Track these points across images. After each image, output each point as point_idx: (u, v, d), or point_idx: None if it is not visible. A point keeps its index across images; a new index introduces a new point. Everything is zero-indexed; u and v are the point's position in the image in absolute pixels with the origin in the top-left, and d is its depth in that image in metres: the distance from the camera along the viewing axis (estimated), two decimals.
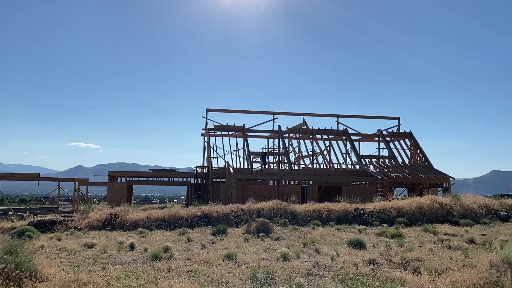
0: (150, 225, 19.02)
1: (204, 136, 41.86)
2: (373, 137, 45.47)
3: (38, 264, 9.05)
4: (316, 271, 10.47)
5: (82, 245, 14.16)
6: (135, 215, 20.39)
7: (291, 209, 21.53)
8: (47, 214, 23.55)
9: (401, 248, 13.83)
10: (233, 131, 41.38)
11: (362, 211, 21.82)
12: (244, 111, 44.74)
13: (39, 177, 42.68)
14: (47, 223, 18.93)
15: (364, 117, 49.02)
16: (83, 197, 47.41)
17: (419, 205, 22.33)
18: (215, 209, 20.98)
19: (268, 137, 46.11)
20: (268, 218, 19.33)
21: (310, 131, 42.06)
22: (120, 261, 11.82)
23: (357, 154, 41.49)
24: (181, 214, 20.25)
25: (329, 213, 21.45)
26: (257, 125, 41.97)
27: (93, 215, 20.61)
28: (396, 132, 44.97)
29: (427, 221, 20.73)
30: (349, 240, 14.74)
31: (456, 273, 9.31)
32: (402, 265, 10.93)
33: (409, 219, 20.90)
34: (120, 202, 29.29)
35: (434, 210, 22.04)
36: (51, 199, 63.58)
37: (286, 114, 45.42)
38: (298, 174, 37.42)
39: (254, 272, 10.02)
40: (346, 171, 40.46)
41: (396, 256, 12.08)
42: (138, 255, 12.68)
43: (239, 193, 34.53)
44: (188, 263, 11.43)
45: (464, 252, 12.63)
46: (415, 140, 43.90)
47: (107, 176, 39.45)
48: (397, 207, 22.15)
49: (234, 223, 19.59)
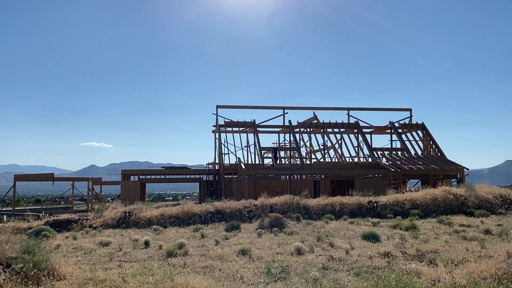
0: (164, 222, 19.13)
1: (215, 132, 41.95)
2: (385, 130, 45.10)
3: (55, 262, 9.16)
4: (331, 264, 10.46)
5: (98, 243, 14.30)
6: (149, 212, 20.53)
7: (303, 204, 21.48)
8: (63, 214, 23.83)
9: (416, 240, 13.74)
10: (243, 127, 41.37)
11: (375, 204, 21.70)
12: (254, 106, 44.68)
13: (53, 177, 43.30)
14: (62, 223, 19.15)
15: (376, 110, 48.59)
16: (97, 196, 47.95)
17: (433, 196, 22.14)
18: (228, 205, 21.02)
19: (278, 132, 46.05)
20: (281, 213, 19.32)
21: (321, 125, 41.88)
22: (136, 258, 11.92)
23: (369, 147, 41.21)
24: (195, 211, 20.32)
25: (342, 206, 21.36)
26: (267, 121, 41.88)
27: (108, 213, 20.78)
28: (408, 124, 44.53)
29: (441, 213, 20.54)
30: (363, 233, 14.68)
31: (473, 264, 9.23)
32: (418, 257, 10.86)
33: (424, 211, 20.74)
34: (134, 200, 29.47)
35: (449, 201, 21.83)
36: (66, 199, 64.42)
37: (296, 108, 45.22)
38: (309, 169, 37.32)
39: (269, 267, 10.04)
40: (358, 164, 40.24)
41: (411, 248, 12.01)
42: (153, 252, 12.78)
43: (251, 188, 34.55)
44: (203, 259, 11.50)
45: (481, 243, 12.49)
46: (428, 131, 43.45)
47: (120, 175, 39.74)
48: (411, 199, 22.00)
49: (247, 219, 19.63)
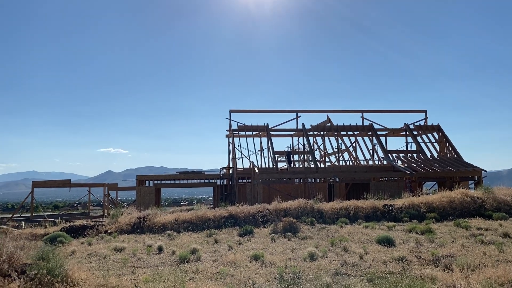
0: (178, 228, 19.19)
1: (228, 137, 42.08)
2: (400, 132, 44.65)
3: (69, 269, 9.24)
4: (344, 270, 10.33)
5: (112, 249, 14.39)
6: (163, 218, 20.63)
7: (318, 208, 21.34)
8: (78, 220, 24.10)
9: (432, 244, 13.50)
10: (256, 131, 41.41)
11: (390, 208, 21.43)
12: (267, 110, 44.74)
13: (70, 183, 43.93)
14: (78, 229, 19.37)
15: (390, 112, 48.17)
16: (113, 201, 48.45)
17: (449, 199, 21.77)
18: (242, 210, 21.00)
19: (292, 136, 45.95)
20: (295, 217, 19.21)
21: (334, 128, 41.67)
22: (149, 264, 11.96)
23: (384, 150, 40.82)
24: (208, 216, 20.35)
25: (357, 210, 21.15)
26: (280, 124, 41.87)
27: (123, 219, 20.94)
28: (424, 126, 44.02)
29: (458, 216, 20.16)
30: (377, 237, 14.48)
31: (490, 269, 9.02)
32: (433, 261, 10.66)
33: (440, 214, 20.39)
34: (149, 206, 29.67)
35: (466, 204, 21.43)
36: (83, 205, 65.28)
37: (309, 112, 45.11)
38: (324, 172, 37.10)
39: (281, 273, 9.96)
40: (373, 167, 39.87)
41: (426, 253, 11.80)
42: (166, 258, 12.81)
43: (265, 193, 34.49)
44: (215, 264, 11.47)
45: (499, 247, 12.21)
46: (444, 133, 42.86)
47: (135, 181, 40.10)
48: (427, 202, 21.69)
49: (260, 223, 19.56)
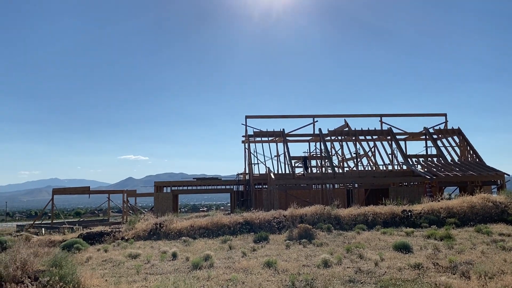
0: (193, 234, 19.21)
1: (244, 143, 42.08)
2: (420, 136, 43.93)
3: (81, 275, 9.31)
4: (358, 277, 10.12)
5: (127, 255, 14.46)
6: (179, 224, 20.69)
7: (335, 214, 21.07)
8: (96, 226, 24.38)
9: (451, 251, 13.15)
10: (272, 137, 41.32)
11: (409, 213, 21.01)
12: (283, 116, 44.62)
13: (89, 190, 44.60)
14: (95, 235, 19.57)
15: (409, 115, 47.55)
16: (132, 208, 48.96)
17: (470, 204, 21.23)
18: (257, 216, 20.89)
19: (309, 141, 45.68)
20: (311, 223, 19.01)
21: (352, 132, 41.24)
22: (162, 271, 11.96)
23: (403, 154, 40.19)
24: (224, 222, 20.32)
25: (375, 216, 20.80)
26: (297, 129, 41.68)
27: (140, 225, 21.09)
28: (444, 129, 43.20)
29: (480, 221, 19.63)
30: (394, 243, 14.18)
31: (509, 277, 8.71)
32: (450, 269, 10.35)
33: (461, 219, 19.90)
34: (166, 212, 29.77)
35: (488, 209, 20.86)
36: (104, 211, 66.16)
37: (326, 116, 44.78)
38: (342, 177, 36.72)
39: (293, 280, 9.82)
40: (393, 172, 39.26)
41: (444, 260, 11.49)
42: (180, 264, 12.79)
43: (281, 198, 34.31)
44: (227, 271, 11.39)
45: None
46: (464, 137, 41.96)
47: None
48: (447, 207, 21.19)
49: (276, 230, 19.41)
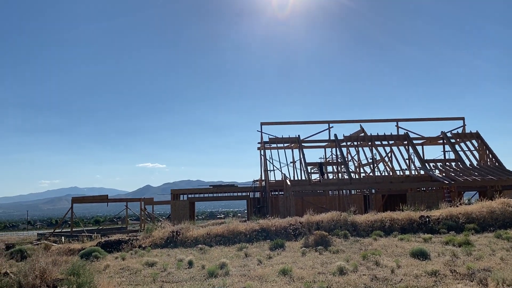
0: (210, 241, 19.28)
1: (260, 149, 42.17)
2: (437, 140, 43.38)
3: (98, 284, 9.46)
4: (373, 284, 10.05)
5: (144, 263, 14.61)
6: (195, 231, 20.79)
7: (351, 220, 20.91)
8: (114, 234, 24.67)
9: (469, 257, 12.94)
10: (288, 143, 41.32)
11: (427, 219, 20.73)
12: (298, 122, 44.69)
13: (108, 198, 45.19)
14: (113, 243, 19.82)
15: (426, 120, 47.02)
16: (150, 216, 49.38)
17: (490, 209, 20.83)
18: (273, 223, 20.86)
19: (324, 147, 45.54)
20: (328, 230, 18.90)
21: (368, 137, 40.98)
22: (178, 279, 12.06)
23: (421, 159, 39.73)
24: (240, 229, 20.34)
25: (392, 222, 20.56)
26: (312, 135, 41.64)
27: (156, 233, 21.26)
28: (462, 133, 42.61)
29: (500, 227, 19.25)
30: (412, 250, 14.02)
31: None
32: (468, 276, 10.20)
33: (480, 225, 19.54)
34: (183, 219, 29.97)
35: (508, 214, 20.44)
36: (123, 219, 66.86)
37: (342, 122, 44.65)
38: (358, 183, 36.47)
39: None
40: (410, 178, 38.81)
41: (462, 266, 11.32)
42: (196, 272, 12.87)
43: (298, 205, 34.21)
44: (242, 279, 11.42)
45: None
46: (483, 140, 41.29)
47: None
48: (466, 213, 20.81)
49: (292, 237, 19.36)
